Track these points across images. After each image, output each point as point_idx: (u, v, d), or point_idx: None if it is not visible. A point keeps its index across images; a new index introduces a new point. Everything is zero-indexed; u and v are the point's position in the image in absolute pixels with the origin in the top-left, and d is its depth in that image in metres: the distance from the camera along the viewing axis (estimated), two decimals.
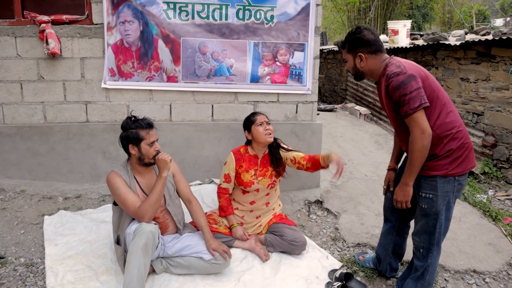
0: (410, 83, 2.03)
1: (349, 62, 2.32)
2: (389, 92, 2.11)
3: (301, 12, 3.61)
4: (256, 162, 2.95)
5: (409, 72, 2.06)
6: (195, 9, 3.50)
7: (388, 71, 2.12)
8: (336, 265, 2.83)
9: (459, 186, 2.21)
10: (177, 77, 3.64)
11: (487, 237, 3.29)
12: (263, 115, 2.95)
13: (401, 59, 2.18)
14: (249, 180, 2.91)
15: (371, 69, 2.25)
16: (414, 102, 2.01)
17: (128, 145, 2.49)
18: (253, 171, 2.93)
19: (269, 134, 2.86)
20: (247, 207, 2.99)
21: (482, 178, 4.76)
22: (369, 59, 2.23)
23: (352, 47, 2.26)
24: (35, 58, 3.53)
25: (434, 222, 2.23)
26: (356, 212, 3.60)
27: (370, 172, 4.57)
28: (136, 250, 2.30)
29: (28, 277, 2.60)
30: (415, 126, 2.04)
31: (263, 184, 2.92)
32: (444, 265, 2.89)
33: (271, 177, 2.95)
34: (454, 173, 2.15)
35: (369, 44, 2.21)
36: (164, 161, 2.46)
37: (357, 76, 2.36)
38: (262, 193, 2.97)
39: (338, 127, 6.70)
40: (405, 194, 2.19)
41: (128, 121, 2.52)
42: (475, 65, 5.12)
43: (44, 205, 3.45)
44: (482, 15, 17.96)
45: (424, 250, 2.31)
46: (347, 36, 2.30)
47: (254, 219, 3.02)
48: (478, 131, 5.11)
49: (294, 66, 3.72)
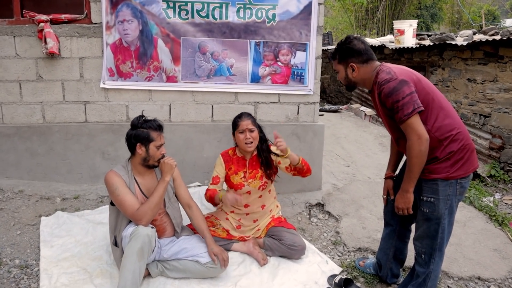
0: (402, 89, 1.99)
1: (340, 73, 2.28)
2: (382, 99, 2.09)
3: (303, 11, 3.55)
4: (244, 164, 2.90)
5: (400, 77, 2.03)
6: (195, 8, 3.45)
7: (379, 78, 2.09)
8: (336, 270, 2.77)
9: (462, 189, 2.15)
10: (177, 77, 3.60)
11: (492, 242, 3.20)
12: (248, 120, 2.80)
13: (391, 65, 2.17)
14: (239, 183, 2.86)
15: (363, 78, 2.23)
16: (407, 108, 1.98)
17: (136, 144, 2.44)
18: (242, 173, 2.88)
19: (249, 143, 2.77)
20: (242, 210, 2.93)
21: (489, 181, 4.66)
22: (360, 69, 2.20)
23: (343, 57, 2.23)
24: (34, 57, 3.51)
25: (436, 227, 2.18)
26: (358, 215, 3.52)
27: (374, 175, 4.48)
28: (131, 253, 2.27)
29: (22, 279, 2.58)
30: (411, 132, 2.00)
31: (253, 186, 2.85)
32: (447, 271, 2.81)
33: (261, 178, 2.87)
34: (455, 175, 2.10)
35: (360, 53, 2.18)
36: (170, 166, 2.44)
37: (349, 86, 2.32)
38: (254, 195, 2.90)
39: (342, 128, 6.62)
40: (406, 201, 2.15)
41: (139, 119, 2.48)
42: (483, 65, 5.02)
43: (42, 206, 3.42)
44: (491, 15, 17.71)
45: (426, 256, 2.25)
46: (337, 47, 2.28)
47: (251, 222, 2.96)
48: (485, 133, 5.01)
49: (295, 66, 3.65)
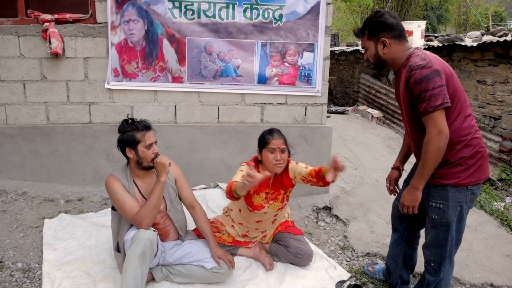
0: (434, 79, 1.86)
1: (369, 49, 2.12)
2: (409, 85, 1.94)
3: (310, 11, 3.49)
4: (267, 183, 2.61)
5: (434, 66, 1.89)
6: (201, 8, 3.40)
7: (411, 62, 1.94)
8: (344, 276, 2.71)
9: (473, 196, 2.06)
10: (183, 77, 3.55)
11: (505, 248, 3.12)
12: (280, 139, 2.48)
13: (427, 51, 2.01)
14: (259, 204, 2.60)
15: (394, 57, 2.07)
16: (435, 100, 1.85)
17: (125, 149, 2.40)
18: (264, 194, 2.61)
19: (279, 164, 2.48)
20: (252, 225, 2.77)
21: (499, 185, 4.57)
22: (392, 46, 2.04)
23: (374, 32, 2.06)
24: (38, 57, 3.48)
25: (445, 234, 2.09)
26: (366, 219, 3.45)
27: (382, 178, 4.41)
28: (132, 258, 2.22)
29: (24, 283, 2.53)
30: (433, 126, 1.88)
31: (273, 208, 2.63)
32: (459, 278, 2.73)
33: (282, 201, 2.65)
34: (466, 182, 2.00)
35: (392, 28, 2.02)
36: (163, 165, 2.34)
37: (378, 65, 2.15)
38: (270, 215, 2.72)
39: (349, 130, 6.54)
40: (413, 199, 2.03)
41: (124, 124, 2.42)
42: (493, 67, 4.93)
43: (45, 208, 3.38)
44: (498, 17, 17.58)
45: (435, 265, 2.17)
46: (366, 21, 2.10)
47: (260, 234, 2.85)
48: (495, 135, 4.92)
49: (303, 67, 3.59)
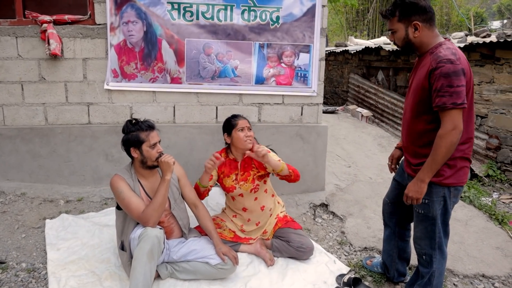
0: (460, 77, 1.87)
1: (399, 32, 2.07)
2: (433, 75, 1.91)
3: (306, 13, 3.57)
4: (236, 166, 2.83)
5: (462, 65, 1.90)
6: (199, 10, 3.45)
7: (441, 53, 1.92)
8: (343, 269, 2.80)
9: (456, 192, 2.12)
10: (181, 78, 3.59)
11: (494, 241, 3.26)
12: (245, 119, 2.79)
13: (457, 47, 1.99)
14: (230, 185, 2.82)
15: (423, 42, 2.03)
16: (458, 98, 1.86)
17: (130, 149, 2.44)
18: (234, 176, 2.82)
19: (249, 139, 2.72)
20: (243, 216, 2.90)
21: (486, 181, 4.74)
22: (424, 30, 2.00)
23: (406, 14, 2.01)
24: (36, 58, 3.48)
25: (432, 227, 2.16)
26: (362, 215, 3.56)
27: (375, 175, 4.53)
28: (141, 255, 2.27)
29: (30, 282, 2.55)
30: (449, 121, 1.89)
31: (245, 189, 2.81)
32: (452, 269, 2.85)
33: (253, 181, 2.81)
34: (448, 183, 2.06)
35: (425, 11, 1.98)
36: (167, 164, 2.40)
37: (406, 48, 2.12)
38: (249, 198, 2.85)
39: (341, 130, 6.66)
40: (419, 191, 2.05)
41: (128, 124, 2.47)
42: (479, 67, 5.10)
43: (45, 209, 3.39)
44: (479, 18, 17.99)
45: (426, 257, 2.24)
46: (397, 1, 2.04)
47: (254, 226, 2.93)
48: (482, 133, 5.09)
49: (299, 68, 3.67)
